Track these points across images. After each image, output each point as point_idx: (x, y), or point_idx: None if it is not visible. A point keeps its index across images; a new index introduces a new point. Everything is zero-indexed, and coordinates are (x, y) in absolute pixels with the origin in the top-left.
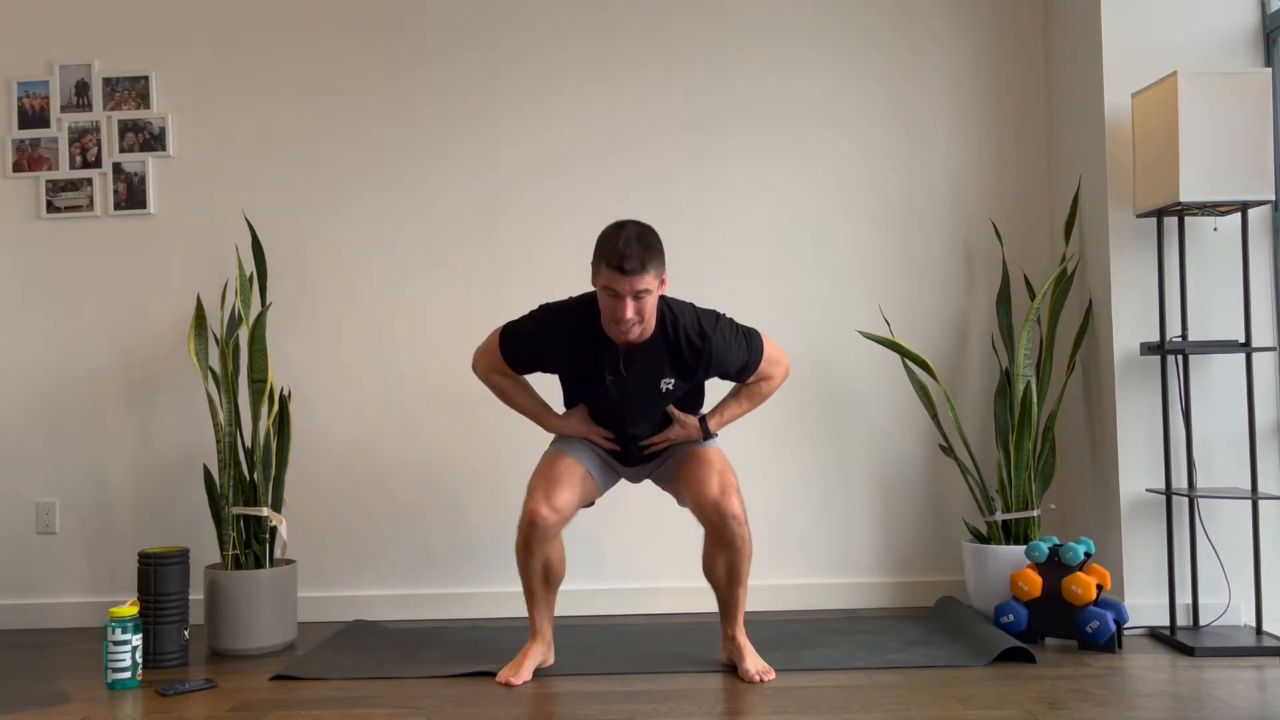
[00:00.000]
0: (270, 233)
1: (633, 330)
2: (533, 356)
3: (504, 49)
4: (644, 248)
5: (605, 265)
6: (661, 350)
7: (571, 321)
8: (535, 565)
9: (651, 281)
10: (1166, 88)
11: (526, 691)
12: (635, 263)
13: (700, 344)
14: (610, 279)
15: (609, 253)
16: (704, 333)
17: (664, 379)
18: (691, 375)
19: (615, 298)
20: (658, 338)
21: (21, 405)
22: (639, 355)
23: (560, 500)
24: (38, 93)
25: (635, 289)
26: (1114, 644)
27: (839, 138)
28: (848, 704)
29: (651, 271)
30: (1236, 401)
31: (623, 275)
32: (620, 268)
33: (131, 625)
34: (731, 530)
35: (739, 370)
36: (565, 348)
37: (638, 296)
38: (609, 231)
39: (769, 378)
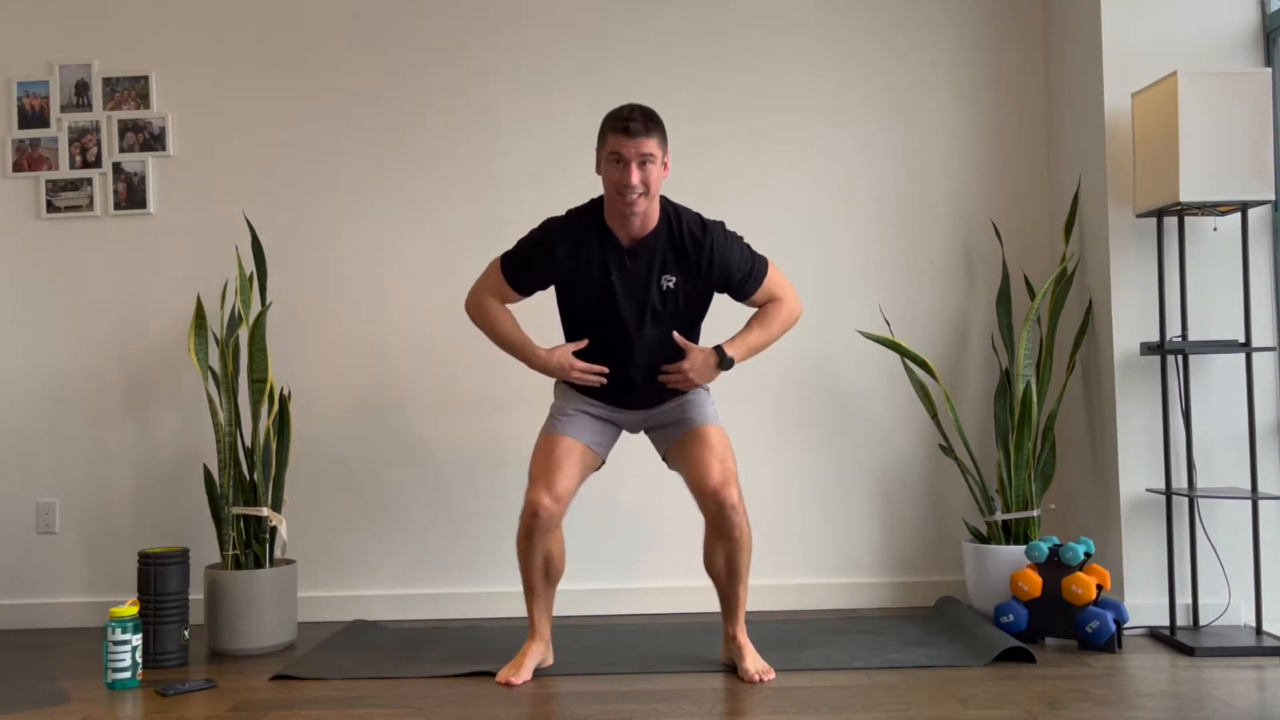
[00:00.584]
0: (270, 233)
1: (638, 203)
2: (538, 263)
3: (503, 47)
4: (648, 116)
5: (610, 131)
6: (664, 242)
7: (576, 220)
8: (536, 557)
9: (656, 148)
10: (1166, 88)
11: (526, 691)
12: (640, 125)
13: (701, 235)
14: (615, 143)
15: (614, 119)
16: (705, 225)
17: (665, 275)
18: (693, 272)
19: (620, 164)
20: (661, 229)
21: (21, 405)
22: (642, 249)
23: (561, 488)
24: (38, 93)
25: (640, 151)
26: (1114, 644)
27: (839, 137)
28: (848, 704)
29: (655, 137)
30: (1236, 401)
31: (628, 137)
32: (625, 129)
33: (131, 625)
34: (730, 520)
35: (743, 277)
36: (569, 247)
37: (643, 163)
38: (614, 109)
39: (779, 298)
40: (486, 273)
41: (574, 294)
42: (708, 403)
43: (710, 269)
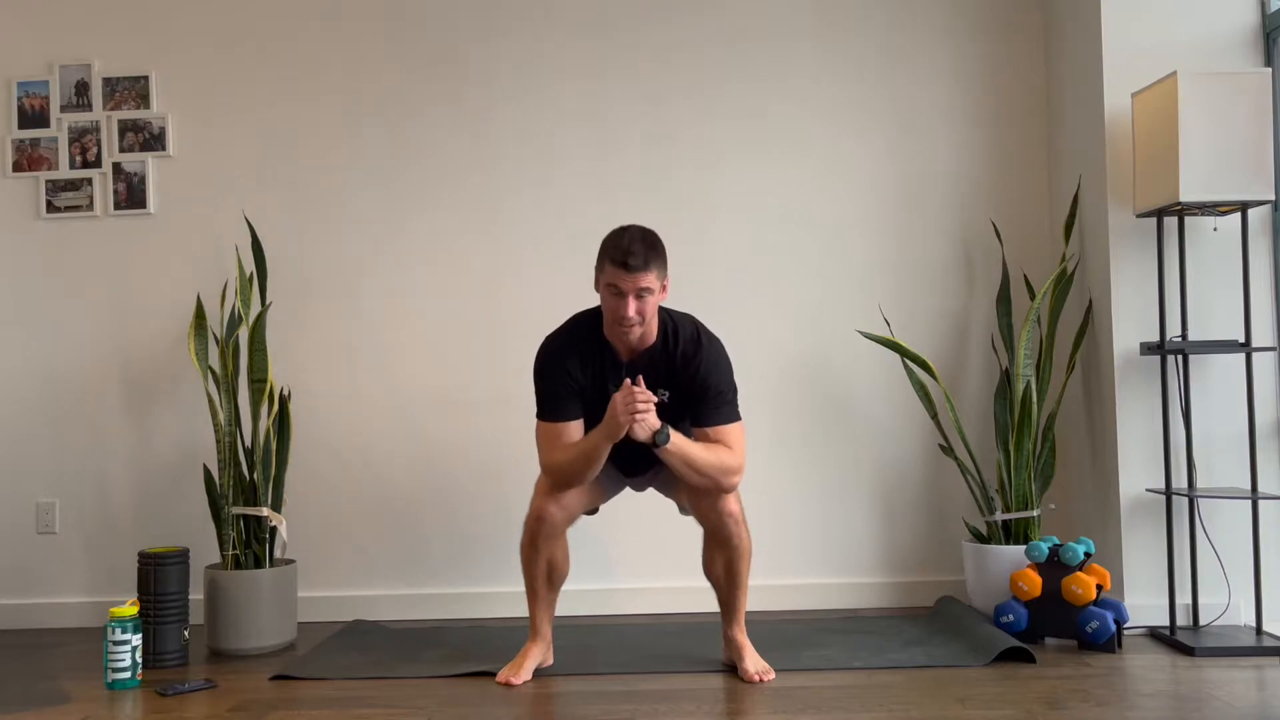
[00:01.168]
0: (270, 233)
1: (634, 331)
2: (565, 386)
3: (503, 49)
4: (648, 247)
5: (609, 262)
6: (661, 359)
7: (573, 335)
8: (540, 563)
9: (654, 280)
10: (1166, 88)
11: (526, 691)
12: (639, 260)
13: (693, 352)
14: (614, 276)
15: (613, 250)
16: (699, 340)
17: (660, 389)
18: (681, 385)
19: (618, 296)
20: (659, 346)
21: (21, 405)
22: (639, 364)
23: (567, 499)
24: (38, 93)
25: (638, 286)
26: (1114, 644)
27: (839, 137)
28: (848, 704)
29: (654, 270)
30: (1236, 401)
31: (627, 272)
32: (625, 264)
33: (131, 625)
34: (728, 529)
35: (715, 395)
36: (576, 361)
37: (640, 295)
38: (614, 233)
39: (730, 448)
40: (539, 440)
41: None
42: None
43: (692, 380)
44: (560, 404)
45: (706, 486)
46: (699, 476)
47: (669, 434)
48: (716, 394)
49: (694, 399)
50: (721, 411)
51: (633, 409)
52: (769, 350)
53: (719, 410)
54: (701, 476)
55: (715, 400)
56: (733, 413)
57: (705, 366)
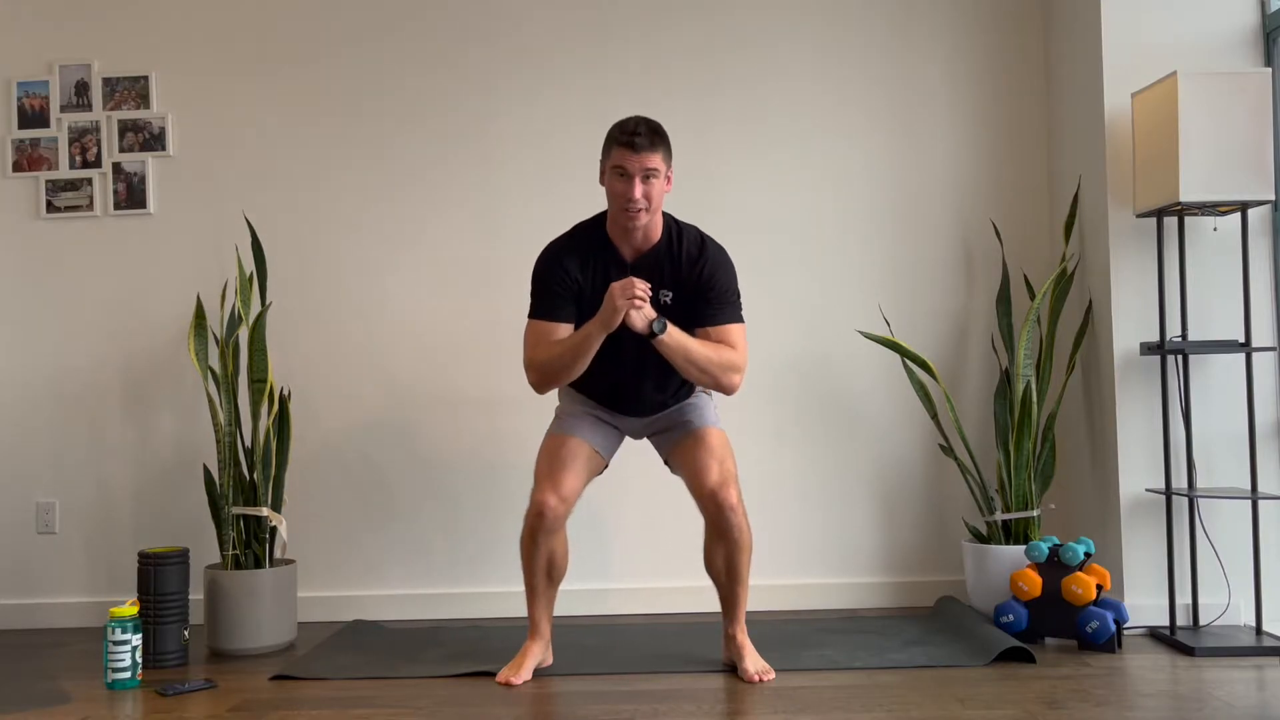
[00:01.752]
0: (270, 233)
1: (640, 217)
2: (562, 287)
3: (504, 50)
4: (652, 130)
5: (615, 144)
6: (665, 258)
7: (579, 236)
8: (540, 558)
9: (660, 162)
10: (1166, 88)
11: (526, 691)
12: (645, 140)
13: (698, 252)
14: (620, 157)
15: (619, 132)
16: (704, 243)
17: (664, 290)
18: (687, 286)
19: (624, 178)
20: (662, 245)
21: (22, 405)
22: (643, 264)
23: (567, 489)
24: (38, 93)
25: (645, 166)
26: (1114, 644)
27: (839, 138)
28: (848, 704)
29: (660, 152)
30: (1236, 401)
31: (633, 151)
32: (630, 144)
33: (131, 625)
34: (729, 521)
35: (717, 299)
36: (577, 261)
37: (646, 177)
38: (619, 121)
39: (733, 347)
40: (526, 337)
41: (581, 308)
42: (709, 406)
43: (698, 280)
44: (554, 303)
45: (706, 383)
46: (698, 371)
47: (666, 323)
48: (721, 293)
49: (698, 299)
50: (725, 311)
51: (630, 294)
52: (769, 350)
53: (722, 309)
54: (701, 371)
55: (719, 300)
56: (736, 313)
57: (710, 267)
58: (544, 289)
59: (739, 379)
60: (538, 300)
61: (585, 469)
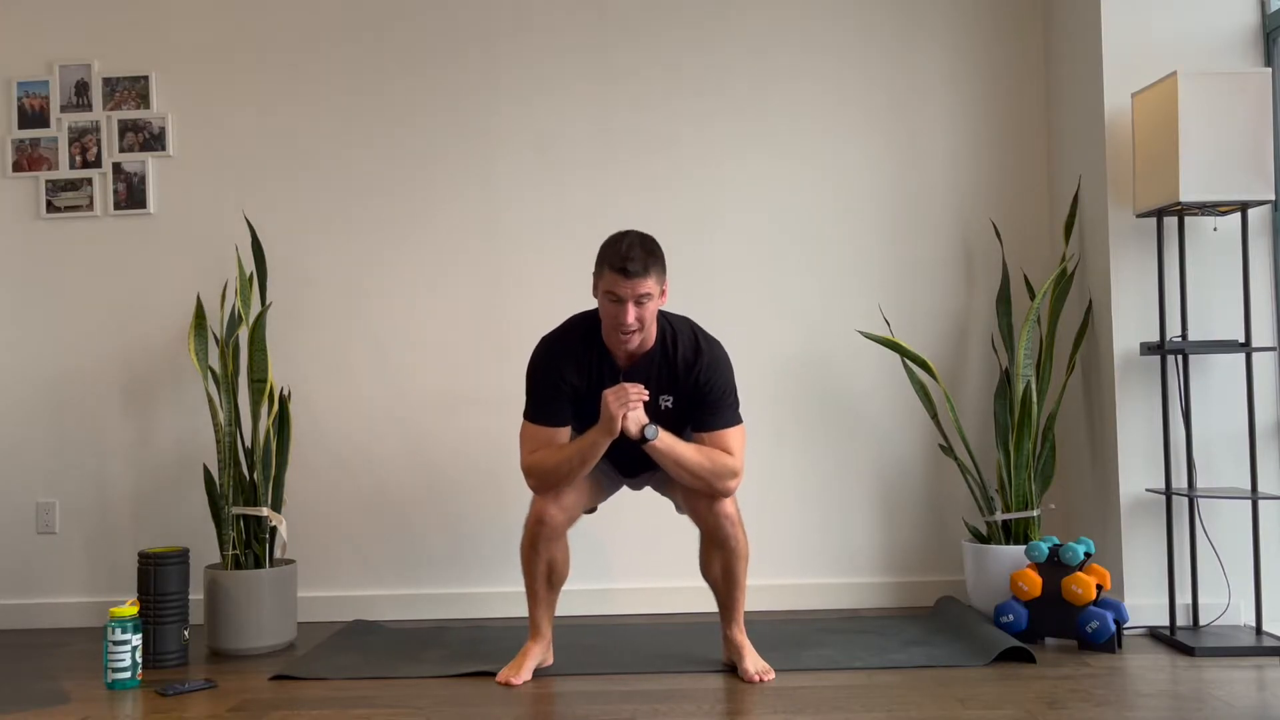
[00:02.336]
0: (270, 233)
1: (633, 338)
2: (557, 389)
3: (504, 52)
4: (646, 253)
5: (608, 268)
6: (660, 365)
7: (571, 338)
8: (540, 565)
9: (653, 286)
10: (1166, 88)
11: (526, 691)
12: (638, 265)
13: (694, 358)
14: (613, 282)
15: (612, 256)
16: (699, 346)
17: (662, 396)
18: (683, 391)
19: (617, 303)
20: (657, 352)
21: (21, 405)
22: (638, 371)
23: (568, 500)
24: (38, 93)
25: (637, 293)
26: (1114, 644)
27: (839, 138)
28: (848, 704)
29: (653, 276)
30: (1236, 401)
31: (625, 278)
32: (623, 270)
33: (131, 625)
34: (725, 531)
35: (716, 400)
36: (572, 366)
37: (639, 302)
38: (612, 238)
39: (730, 453)
40: (523, 440)
41: (577, 409)
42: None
43: (694, 384)
44: (550, 407)
45: (700, 488)
46: (692, 477)
47: (657, 430)
48: (717, 398)
49: (694, 403)
50: (720, 415)
51: (624, 400)
52: (769, 350)
53: (718, 414)
54: (695, 478)
55: (715, 404)
56: (733, 416)
57: (706, 371)
58: (539, 392)
59: (734, 484)
60: (533, 403)
61: (586, 491)
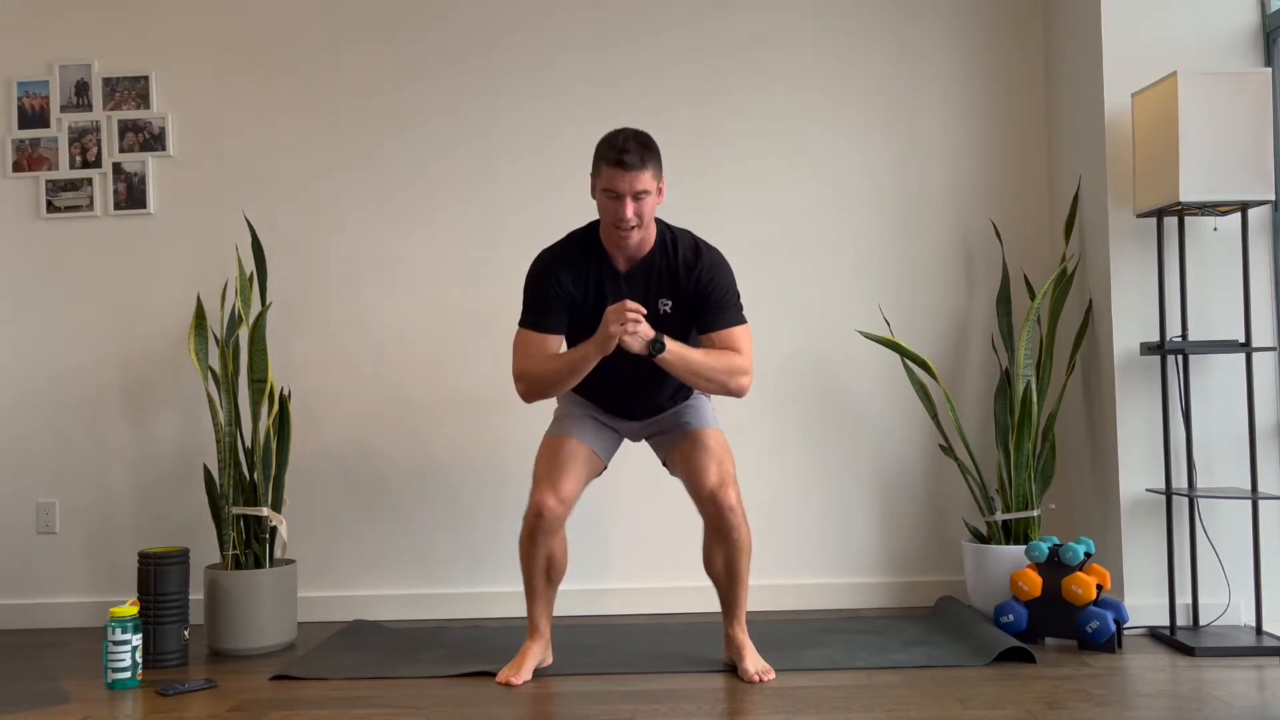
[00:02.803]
0: (270, 233)
1: (633, 234)
2: (553, 297)
3: (504, 52)
4: (642, 146)
5: (605, 164)
6: (660, 266)
7: (571, 246)
8: (539, 559)
9: (650, 181)
10: (1166, 88)
11: (526, 691)
12: (634, 158)
13: (694, 258)
14: (610, 178)
15: (608, 152)
16: (699, 249)
17: (662, 299)
18: (685, 294)
19: (615, 198)
20: (656, 253)
21: (21, 405)
22: (638, 273)
23: (566, 490)
24: (38, 93)
25: (635, 188)
26: (1114, 644)
27: (839, 138)
28: (848, 704)
29: (650, 170)
30: (1236, 401)
31: (623, 171)
32: (620, 162)
33: (131, 625)
34: (728, 522)
35: (717, 304)
36: (569, 273)
37: (637, 196)
38: (607, 135)
39: (738, 352)
40: (515, 346)
41: (575, 319)
42: (706, 407)
43: (696, 286)
44: (545, 314)
45: (714, 390)
46: (705, 381)
47: (664, 342)
48: (720, 297)
49: (697, 306)
50: (726, 314)
51: (623, 319)
52: (769, 350)
53: (723, 313)
54: (708, 381)
55: (719, 304)
56: (737, 315)
57: (707, 272)
58: (535, 299)
59: (747, 381)
60: (529, 310)
61: (584, 470)
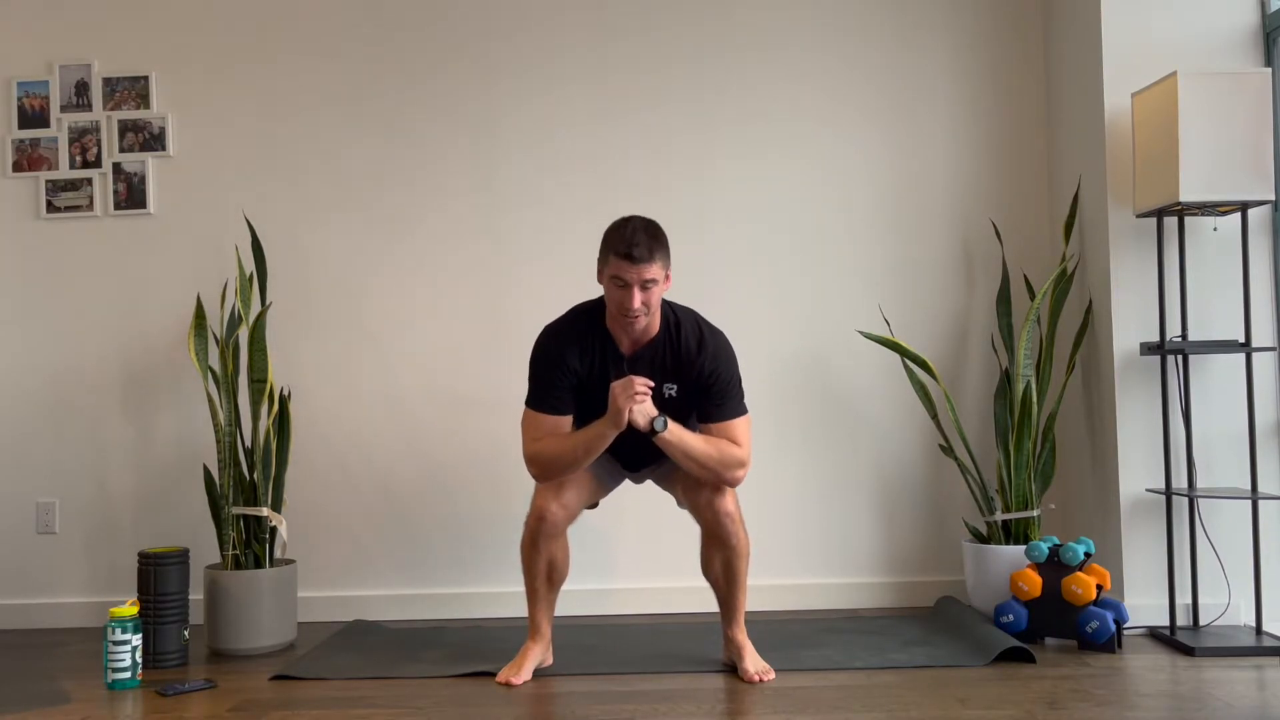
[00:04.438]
0: (270, 233)
1: (639, 321)
2: (560, 376)
3: (504, 51)
4: (651, 238)
5: (613, 254)
6: (664, 352)
7: (577, 324)
8: (540, 563)
9: (658, 271)
10: (1166, 88)
11: (526, 691)
12: (643, 250)
13: (697, 344)
14: (618, 268)
15: (617, 242)
16: (703, 335)
17: (666, 383)
18: (689, 379)
19: (623, 288)
20: (662, 339)
21: (22, 405)
22: (642, 358)
23: (569, 497)
24: (38, 93)
25: (643, 278)
26: (1114, 644)
27: (839, 138)
28: (848, 704)
29: (658, 261)
30: (1236, 401)
31: (631, 263)
32: (629, 255)
33: (131, 625)
34: (726, 528)
35: (722, 390)
36: (575, 351)
37: (645, 286)
38: (616, 224)
39: (736, 443)
40: (524, 427)
41: (580, 399)
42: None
43: (699, 375)
44: (552, 396)
45: (708, 479)
46: (700, 468)
47: (666, 421)
48: (723, 387)
49: (699, 394)
50: (727, 406)
51: (631, 393)
52: (769, 350)
53: (725, 405)
54: (703, 468)
55: (721, 394)
56: (738, 407)
57: (710, 360)
58: (542, 382)
59: (743, 474)
60: (536, 392)
61: (587, 488)
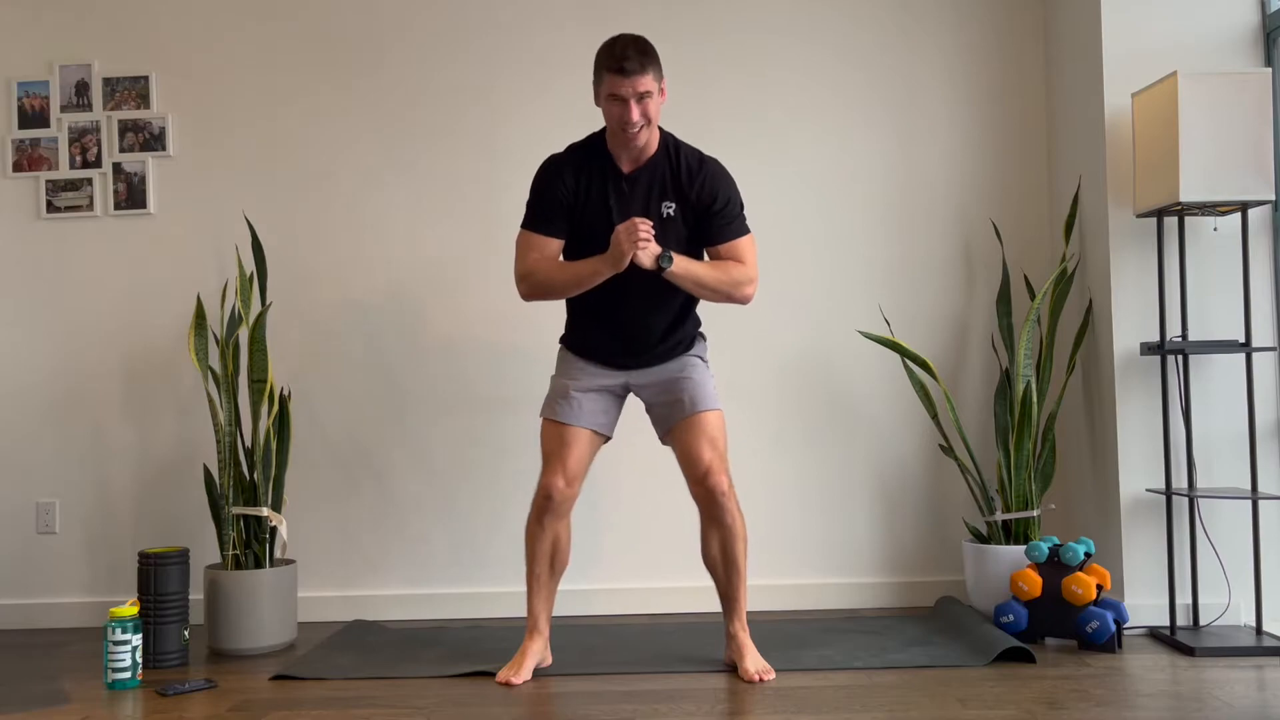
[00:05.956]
0: (270, 233)
1: (640, 135)
2: (555, 199)
3: (505, 48)
4: (640, 51)
5: (607, 72)
6: (663, 170)
7: (574, 152)
8: (545, 541)
9: (651, 83)
10: (1166, 88)
11: (526, 691)
12: (635, 63)
13: (697, 166)
14: (613, 84)
15: (608, 59)
16: (702, 156)
17: (665, 202)
18: (689, 199)
19: (620, 103)
20: (660, 157)
21: (22, 405)
22: (641, 175)
23: (575, 472)
24: (38, 93)
25: (638, 90)
26: (1114, 644)
27: (839, 138)
28: (848, 704)
29: (650, 72)
30: (1236, 401)
31: (624, 76)
32: (621, 69)
33: (131, 625)
34: (720, 506)
35: (722, 213)
36: (572, 174)
37: (641, 98)
38: (605, 43)
39: (743, 263)
40: (518, 248)
41: (577, 224)
42: (708, 381)
43: (701, 193)
44: (546, 216)
45: (719, 300)
46: (711, 293)
47: (672, 257)
48: (724, 208)
49: (700, 215)
50: (730, 227)
51: (635, 236)
52: (769, 350)
53: (727, 226)
54: (713, 292)
55: (723, 215)
56: (741, 227)
57: (711, 181)
58: (539, 201)
59: (751, 290)
60: (532, 211)
61: (589, 451)
